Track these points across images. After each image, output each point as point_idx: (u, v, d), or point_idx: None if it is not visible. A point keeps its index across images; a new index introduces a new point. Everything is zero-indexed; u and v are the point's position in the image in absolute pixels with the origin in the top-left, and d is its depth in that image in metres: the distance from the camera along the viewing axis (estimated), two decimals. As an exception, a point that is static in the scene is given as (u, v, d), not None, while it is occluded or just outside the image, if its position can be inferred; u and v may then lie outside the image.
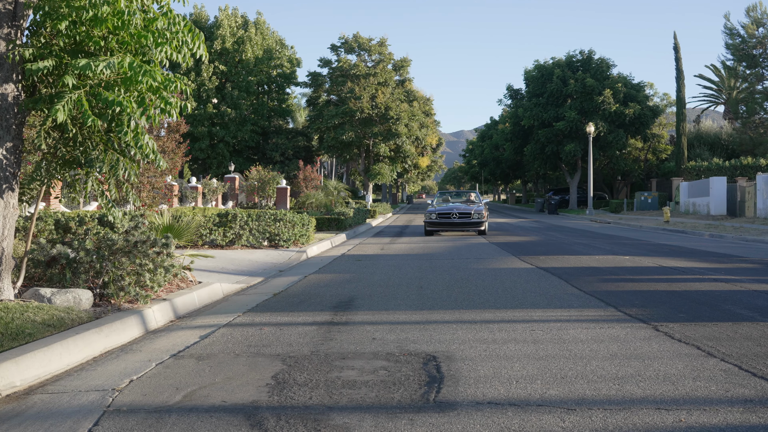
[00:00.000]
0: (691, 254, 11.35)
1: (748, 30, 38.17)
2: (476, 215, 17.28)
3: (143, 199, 14.04)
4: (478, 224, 17.38)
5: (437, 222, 17.53)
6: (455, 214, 17.26)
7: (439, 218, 17.40)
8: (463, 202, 19.29)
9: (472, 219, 17.26)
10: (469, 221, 17.30)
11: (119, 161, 5.17)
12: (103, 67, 4.37)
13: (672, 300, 6.10)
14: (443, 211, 17.51)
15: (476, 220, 17.27)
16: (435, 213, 17.61)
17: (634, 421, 2.79)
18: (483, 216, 17.44)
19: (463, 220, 17.25)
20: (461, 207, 17.69)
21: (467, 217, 17.29)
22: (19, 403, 3.21)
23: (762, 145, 37.39)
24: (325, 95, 49.86)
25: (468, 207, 17.75)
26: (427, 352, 4.07)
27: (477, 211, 17.41)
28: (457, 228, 17.47)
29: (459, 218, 17.23)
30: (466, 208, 17.60)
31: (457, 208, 17.55)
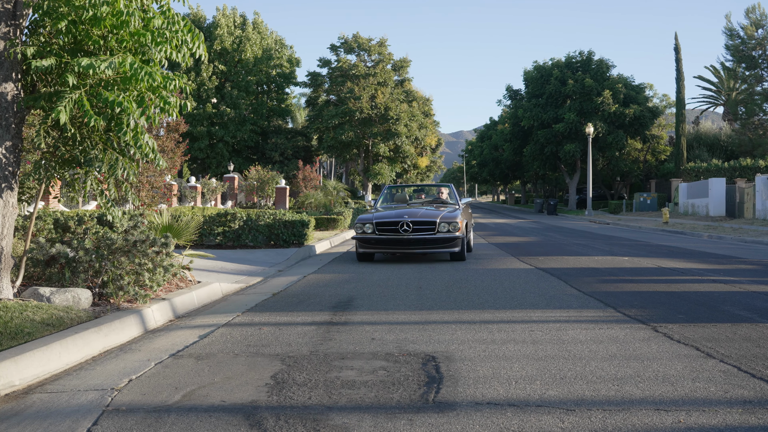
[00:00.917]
0: (690, 255, 11.36)
1: (747, 31, 38.19)
2: (445, 225, 9.91)
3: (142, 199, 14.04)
4: (448, 241, 9.93)
5: (375, 239, 10.01)
6: (406, 224, 9.86)
7: (379, 232, 9.98)
8: (425, 204, 11.60)
9: (438, 232, 9.88)
10: (431, 236, 9.86)
11: (118, 161, 5.17)
12: (105, 67, 4.37)
13: (671, 301, 6.10)
14: (386, 220, 10.03)
15: (445, 235, 9.87)
16: (372, 222, 10.05)
17: (633, 422, 2.79)
18: (458, 226, 9.97)
19: (420, 235, 9.85)
20: (420, 213, 10.26)
21: (428, 230, 9.91)
22: (18, 402, 3.21)
23: (761, 147, 37.42)
24: (325, 95, 49.87)
25: (432, 212, 10.33)
26: (426, 353, 4.07)
27: (447, 218, 10.01)
28: (412, 247, 9.93)
29: (414, 232, 9.88)
30: (427, 214, 10.21)
31: (412, 214, 10.14)
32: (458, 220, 10.00)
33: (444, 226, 9.87)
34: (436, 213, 10.24)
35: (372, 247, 10.08)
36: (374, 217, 10.17)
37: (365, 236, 10.03)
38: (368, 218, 10.20)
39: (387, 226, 9.96)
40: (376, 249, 10.10)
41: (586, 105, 41.26)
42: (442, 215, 10.05)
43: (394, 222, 9.93)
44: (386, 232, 9.95)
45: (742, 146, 39.50)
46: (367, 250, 10.13)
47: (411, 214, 10.05)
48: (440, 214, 10.14)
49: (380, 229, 9.97)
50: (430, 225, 9.89)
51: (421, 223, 9.89)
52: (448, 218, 9.98)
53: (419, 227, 9.87)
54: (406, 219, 9.88)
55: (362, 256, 10.33)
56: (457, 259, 10.22)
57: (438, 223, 9.87)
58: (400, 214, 10.07)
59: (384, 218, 10.06)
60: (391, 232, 9.91)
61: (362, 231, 10.10)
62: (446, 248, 9.97)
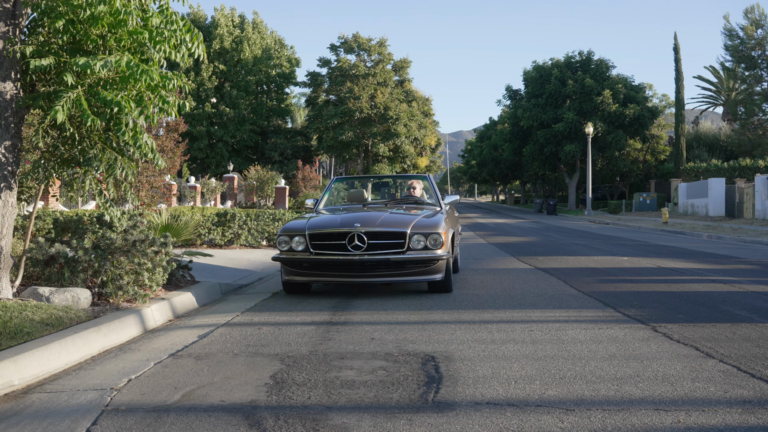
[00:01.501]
0: (689, 255, 11.36)
1: (746, 32, 38.21)
2: (421, 239, 6.26)
3: (142, 199, 14.04)
4: (425, 264, 6.27)
5: (309, 261, 6.31)
6: (358, 237, 6.19)
7: (316, 249, 6.30)
8: (392, 206, 7.68)
9: (410, 250, 6.23)
10: (398, 257, 6.18)
11: (117, 160, 5.17)
12: (101, 66, 4.36)
13: (670, 301, 6.10)
14: (326, 230, 6.42)
15: (421, 254, 6.22)
16: (304, 234, 6.36)
17: (632, 422, 2.79)
18: (441, 240, 6.33)
19: (381, 255, 6.19)
20: (381, 219, 6.52)
21: (394, 246, 6.23)
22: (17, 402, 3.20)
23: (761, 147, 37.44)
24: (324, 95, 49.87)
25: (400, 218, 6.67)
26: (425, 353, 4.07)
27: (424, 228, 6.35)
28: (368, 274, 6.21)
29: (371, 249, 6.20)
30: (392, 221, 6.54)
31: (367, 220, 6.41)
32: (440, 230, 6.25)
33: (419, 240, 6.14)
34: (406, 219, 6.46)
35: (304, 272, 6.26)
36: (308, 225, 6.36)
37: (293, 257, 6.21)
38: (298, 227, 6.38)
39: (327, 239, 6.19)
40: (310, 277, 6.29)
41: (586, 105, 41.27)
42: (415, 222, 6.30)
43: (339, 233, 6.14)
44: (326, 250, 6.15)
45: (741, 146, 39.52)
46: (296, 277, 6.34)
47: (366, 221, 6.27)
48: (413, 220, 6.37)
49: (317, 244, 6.18)
50: (397, 238, 6.12)
51: (382, 236, 6.13)
52: (426, 227, 6.24)
53: (380, 242, 6.11)
54: (358, 229, 6.08)
55: (291, 286, 6.56)
56: (438, 290, 6.49)
57: (409, 235, 6.11)
58: (349, 221, 6.32)
59: (323, 227, 6.34)
60: (335, 249, 6.12)
61: (288, 248, 6.25)
62: (422, 275, 6.21)
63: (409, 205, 7.73)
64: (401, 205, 7.73)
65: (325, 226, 6.45)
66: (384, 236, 6.22)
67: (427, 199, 8.09)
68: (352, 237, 6.13)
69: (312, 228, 6.36)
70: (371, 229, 6.19)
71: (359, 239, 6.13)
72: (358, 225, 6.22)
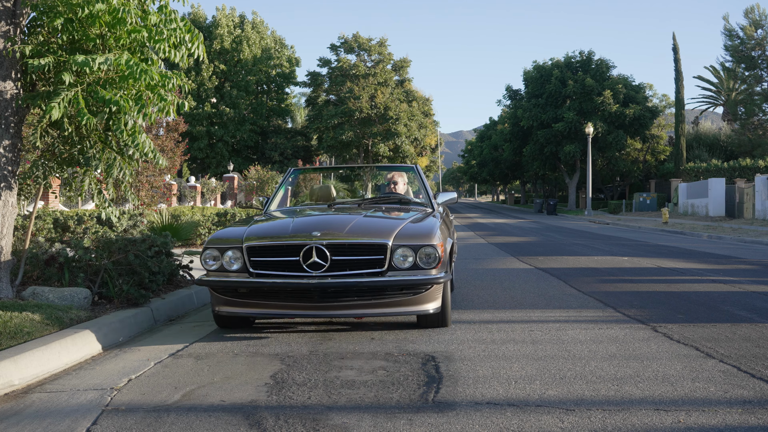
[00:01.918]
0: (689, 255, 11.36)
1: (746, 32, 38.23)
2: (407, 253, 4.33)
3: (142, 198, 14.04)
4: (412, 289, 4.31)
5: (248, 285, 4.35)
6: (318, 250, 4.27)
7: (257, 268, 4.38)
8: (367, 206, 5.66)
9: (392, 269, 4.31)
10: (374, 280, 4.25)
11: (116, 160, 5.17)
12: (100, 63, 4.36)
13: (670, 301, 6.10)
14: (273, 242, 4.42)
15: (407, 276, 4.29)
16: (241, 247, 4.43)
17: (633, 422, 2.79)
18: (435, 254, 4.35)
19: (350, 278, 4.25)
20: (351, 224, 4.54)
21: (368, 264, 4.31)
22: (17, 401, 3.20)
23: (761, 147, 37.45)
24: (325, 95, 49.87)
25: (378, 223, 4.79)
26: (425, 352, 4.07)
27: (412, 236, 4.42)
28: (330, 303, 4.27)
29: (336, 270, 4.28)
30: (366, 227, 4.61)
31: (331, 226, 4.53)
32: (435, 240, 4.42)
33: (405, 256, 4.36)
34: (387, 225, 4.72)
35: (240, 302, 4.46)
36: (246, 233, 4.55)
37: (224, 279, 4.42)
38: (232, 236, 4.60)
39: (274, 254, 4.41)
40: (249, 308, 4.46)
41: (586, 105, 41.26)
42: (400, 230, 4.50)
43: (290, 246, 4.37)
44: (272, 270, 4.39)
45: (741, 146, 39.53)
46: (229, 309, 4.51)
47: (331, 228, 4.49)
48: (396, 227, 4.57)
49: (259, 261, 4.41)
50: (374, 252, 4.35)
51: (352, 249, 4.36)
52: (415, 237, 4.44)
53: (349, 258, 4.34)
54: (318, 239, 4.31)
55: (224, 321, 4.80)
56: (431, 325, 4.72)
57: (391, 248, 4.33)
58: (306, 227, 4.56)
59: (267, 236, 4.54)
60: (285, 268, 4.36)
61: (218, 266, 4.48)
62: (409, 306, 4.39)
63: (390, 205, 5.72)
64: (380, 205, 5.66)
65: (271, 235, 4.50)
66: (355, 250, 4.27)
67: (415, 198, 6.10)
68: (308, 251, 4.22)
69: (252, 238, 4.41)
70: (336, 241, 4.26)
71: (319, 254, 4.22)
72: (317, 234, 4.28)
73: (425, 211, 5.45)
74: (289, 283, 4.28)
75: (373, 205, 5.78)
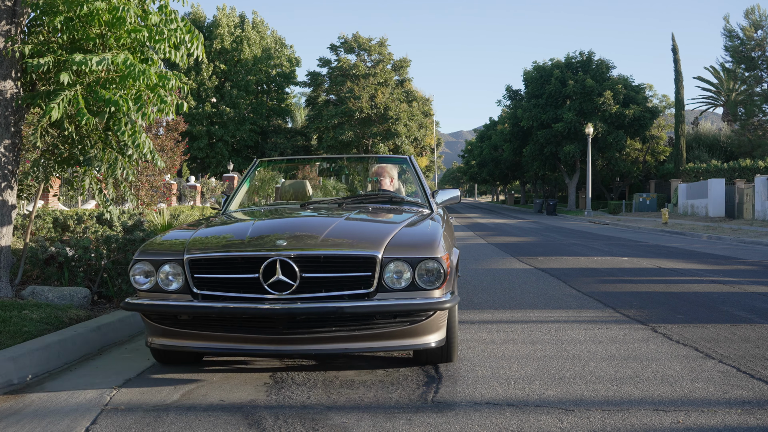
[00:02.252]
0: (689, 256, 11.36)
1: (746, 32, 38.23)
2: (403, 267, 3.21)
3: (142, 198, 14.04)
4: (409, 317, 3.21)
5: (192, 311, 3.23)
6: (282, 264, 3.15)
7: (203, 288, 3.27)
8: (349, 207, 4.37)
9: (382, 290, 3.20)
10: (358, 305, 3.13)
11: (117, 160, 5.17)
12: (97, 63, 4.36)
13: (670, 301, 6.10)
14: (223, 253, 3.30)
15: (402, 300, 3.17)
16: (182, 259, 3.30)
17: (632, 422, 2.79)
18: (439, 269, 3.22)
19: (325, 301, 3.15)
20: (330, 229, 3.47)
21: (349, 283, 3.21)
22: (16, 401, 3.20)
23: (761, 147, 37.47)
24: (325, 95, 49.91)
25: (364, 228, 3.79)
26: (425, 352, 4.06)
27: (404, 247, 3.28)
28: (299, 336, 3.18)
29: (305, 291, 3.17)
30: (347, 232, 3.52)
31: (304, 233, 3.45)
32: (438, 251, 3.29)
33: (399, 272, 3.27)
34: (375, 231, 3.70)
35: (183, 334, 3.37)
36: (190, 242, 3.47)
37: (161, 303, 3.34)
38: (171, 245, 3.55)
39: (225, 269, 3.32)
40: (193, 340, 3.38)
41: (586, 105, 41.27)
42: (393, 237, 3.41)
43: (246, 259, 3.27)
44: (224, 291, 3.29)
45: (741, 147, 39.54)
46: (168, 341, 3.43)
47: (300, 235, 3.45)
48: (388, 233, 3.47)
49: (205, 279, 3.31)
50: (358, 268, 3.26)
51: (329, 264, 3.26)
52: (413, 247, 3.35)
53: (324, 276, 3.25)
54: (283, 250, 3.23)
55: (163, 355, 3.76)
56: (432, 360, 3.71)
57: (381, 261, 3.23)
58: (269, 233, 3.56)
59: (216, 246, 3.48)
60: (241, 288, 3.27)
61: (152, 285, 3.40)
62: (404, 338, 3.31)
63: (378, 205, 4.59)
64: (366, 205, 4.55)
65: (222, 245, 3.47)
66: (333, 265, 3.22)
67: (409, 197, 4.88)
68: (271, 266, 3.16)
69: (196, 247, 3.35)
70: (308, 252, 3.21)
71: (285, 270, 3.16)
72: (283, 243, 3.24)
73: (421, 213, 4.29)
74: (245, 308, 3.15)
75: (358, 204, 4.58)
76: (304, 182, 5.29)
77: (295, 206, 4.70)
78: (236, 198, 4.94)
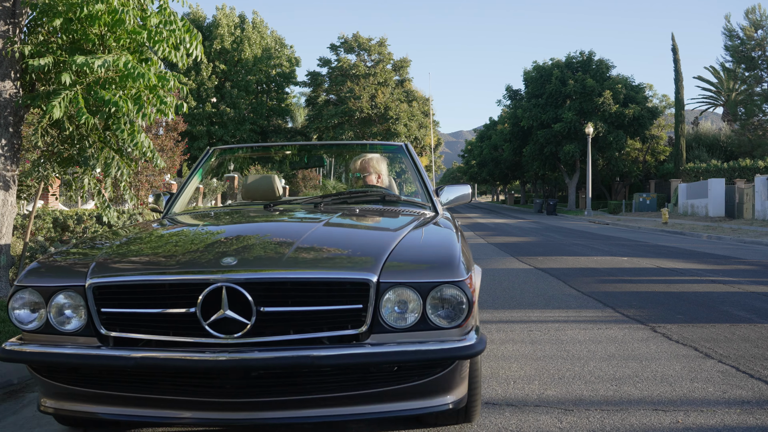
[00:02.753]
0: (689, 256, 11.36)
1: (747, 32, 38.22)
2: (406, 297, 2.17)
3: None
4: (425, 372, 2.19)
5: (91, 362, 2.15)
6: (231, 289, 2.10)
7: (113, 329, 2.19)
8: (324, 210, 3.26)
9: (378, 336, 2.15)
10: (344, 354, 2.10)
11: (114, 159, 5.17)
12: (99, 65, 4.37)
13: (670, 301, 6.10)
14: (144, 272, 2.23)
15: (408, 347, 2.13)
16: (87, 287, 2.19)
17: (631, 422, 2.79)
18: (463, 295, 2.18)
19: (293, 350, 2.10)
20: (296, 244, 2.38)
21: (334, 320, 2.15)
22: (16, 400, 3.21)
23: (761, 147, 37.46)
24: (325, 95, 49.91)
25: (349, 239, 2.70)
26: (424, 352, 4.05)
27: (411, 266, 2.26)
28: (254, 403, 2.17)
29: (261, 334, 2.12)
30: (326, 247, 2.44)
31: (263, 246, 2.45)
32: (459, 273, 2.25)
33: (401, 302, 2.20)
34: (366, 242, 2.68)
35: (86, 396, 2.27)
36: (98, 258, 2.40)
37: (53, 352, 2.21)
38: (71, 263, 2.47)
39: (146, 300, 2.20)
40: (101, 407, 2.28)
41: (586, 105, 41.28)
42: (394, 250, 2.35)
43: (178, 285, 2.17)
44: (145, 332, 2.19)
45: (741, 147, 39.53)
46: (66, 405, 2.33)
47: (258, 247, 2.45)
48: (387, 245, 2.40)
49: (117, 316, 2.20)
50: (342, 295, 2.18)
51: (298, 291, 2.18)
52: (422, 261, 2.33)
53: (291, 308, 2.17)
54: (229, 272, 2.15)
55: (69, 419, 2.59)
56: (442, 422, 2.66)
57: (376, 287, 2.16)
58: (212, 246, 2.47)
59: (135, 263, 2.40)
60: (168, 330, 2.17)
61: (41, 325, 2.25)
62: (412, 400, 2.27)
63: (367, 206, 3.50)
64: (351, 206, 3.45)
65: (142, 265, 2.40)
66: (305, 293, 2.20)
67: (404, 195, 4.13)
68: (213, 296, 2.15)
69: (106, 269, 2.32)
70: (268, 275, 2.20)
71: (235, 302, 2.15)
72: (231, 261, 2.24)
73: (423, 216, 3.22)
74: (176, 360, 2.11)
75: (341, 205, 3.47)
76: (272, 177, 3.95)
77: (258, 208, 3.53)
78: (182, 197, 3.75)
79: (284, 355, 2.11)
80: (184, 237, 2.86)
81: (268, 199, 3.80)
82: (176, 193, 3.80)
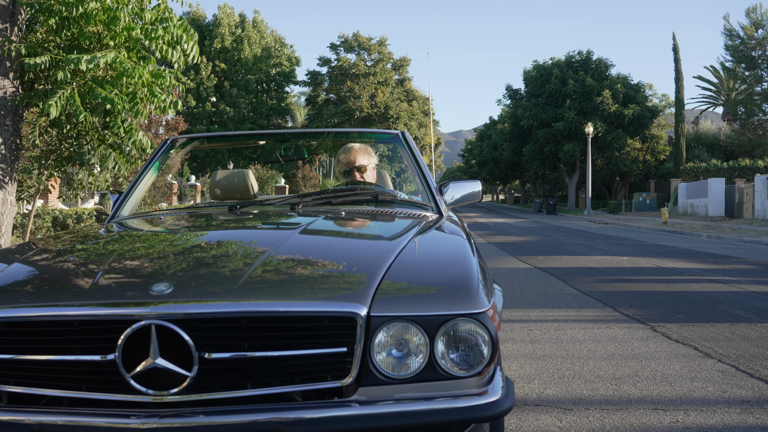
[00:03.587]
0: (689, 255, 11.36)
1: (747, 32, 38.21)
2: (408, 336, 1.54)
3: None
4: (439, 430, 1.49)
5: None
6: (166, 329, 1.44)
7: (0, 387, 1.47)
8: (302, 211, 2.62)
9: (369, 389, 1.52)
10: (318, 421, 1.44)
11: (110, 155, 5.17)
12: (87, 62, 4.36)
13: (669, 300, 6.10)
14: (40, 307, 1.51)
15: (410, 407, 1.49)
16: None
17: (631, 421, 2.79)
18: (485, 334, 1.55)
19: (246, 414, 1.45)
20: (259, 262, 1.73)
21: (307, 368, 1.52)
22: (14, 400, 3.20)
23: (760, 147, 37.45)
24: (325, 94, 49.92)
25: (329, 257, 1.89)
26: (424, 352, 4.05)
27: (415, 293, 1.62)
28: None
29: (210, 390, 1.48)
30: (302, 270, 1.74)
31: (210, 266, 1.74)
32: (480, 303, 1.61)
33: (401, 342, 1.57)
34: (352, 257, 1.94)
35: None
36: None
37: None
38: None
39: (50, 342, 1.52)
40: None
41: (586, 104, 41.28)
42: (389, 270, 1.72)
43: (92, 322, 1.50)
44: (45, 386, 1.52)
45: (741, 146, 39.52)
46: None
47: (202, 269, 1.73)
48: (380, 264, 1.74)
49: (10, 364, 1.52)
50: (317, 334, 1.54)
51: (259, 329, 1.52)
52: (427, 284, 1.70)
53: (249, 353, 1.51)
54: (164, 303, 1.49)
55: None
56: None
57: (366, 322, 1.53)
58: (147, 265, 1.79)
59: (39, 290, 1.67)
60: (78, 383, 1.51)
61: None
62: None
63: (356, 207, 2.80)
64: (335, 208, 2.78)
65: (47, 292, 1.67)
66: (266, 334, 1.53)
67: (400, 193, 3.15)
68: (139, 337, 1.47)
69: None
70: (214, 308, 1.52)
71: (169, 346, 1.48)
72: (164, 289, 1.55)
73: (426, 219, 2.57)
74: (89, 426, 1.45)
75: (323, 206, 2.82)
76: (244, 172, 3.29)
77: (222, 210, 2.90)
78: (132, 197, 3.02)
79: (240, 420, 1.46)
80: (114, 252, 2.03)
81: (239, 199, 3.19)
82: (125, 191, 3.04)
